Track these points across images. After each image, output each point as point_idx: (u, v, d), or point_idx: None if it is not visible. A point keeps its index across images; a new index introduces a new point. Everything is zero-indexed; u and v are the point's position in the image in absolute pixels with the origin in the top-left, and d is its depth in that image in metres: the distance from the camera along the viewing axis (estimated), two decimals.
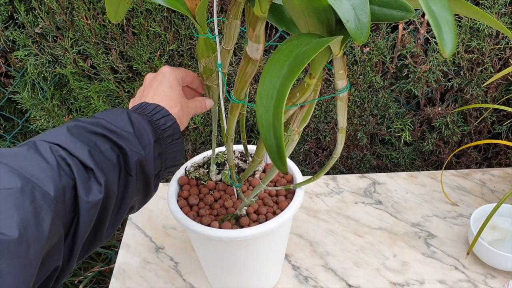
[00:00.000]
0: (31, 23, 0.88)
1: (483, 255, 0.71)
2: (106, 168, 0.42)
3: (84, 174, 0.40)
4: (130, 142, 0.44)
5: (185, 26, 0.86)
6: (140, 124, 0.46)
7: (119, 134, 0.44)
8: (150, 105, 0.50)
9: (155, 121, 0.48)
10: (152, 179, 0.47)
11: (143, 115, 0.48)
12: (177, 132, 0.50)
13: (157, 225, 0.83)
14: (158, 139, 0.47)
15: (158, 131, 0.48)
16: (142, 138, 0.46)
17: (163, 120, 0.49)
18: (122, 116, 0.46)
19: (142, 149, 0.45)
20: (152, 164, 0.46)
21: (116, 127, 0.45)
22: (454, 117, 0.95)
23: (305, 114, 0.43)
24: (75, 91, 0.95)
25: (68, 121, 0.44)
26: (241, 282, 0.66)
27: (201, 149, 1.04)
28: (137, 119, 0.47)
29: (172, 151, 0.50)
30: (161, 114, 0.49)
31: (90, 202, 0.39)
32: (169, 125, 0.49)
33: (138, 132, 0.46)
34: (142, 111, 0.49)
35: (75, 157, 0.40)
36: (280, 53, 0.29)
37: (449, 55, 0.24)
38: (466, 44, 0.86)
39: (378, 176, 0.94)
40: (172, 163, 0.51)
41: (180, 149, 0.51)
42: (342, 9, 0.28)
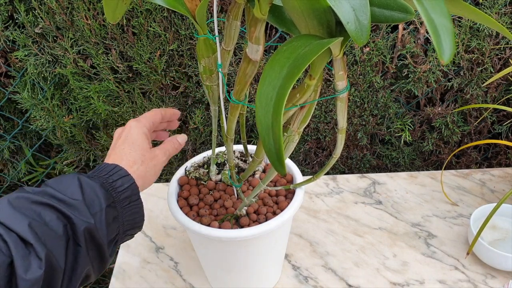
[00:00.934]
0: (31, 23, 0.88)
1: (483, 255, 0.71)
2: (50, 240, 0.40)
3: (23, 250, 0.38)
4: (78, 210, 0.43)
5: (185, 26, 0.86)
6: (92, 190, 0.45)
7: (66, 202, 0.43)
8: (109, 165, 0.49)
9: (110, 183, 0.47)
10: (106, 247, 0.45)
11: (98, 177, 0.47)
12: (135, 194, 0.48)
13: (157, 225, 0.83)
14: (113, 203, 0.46)
15: (113, 194, 0.46)
16: (92, 205, 0.44)
17: (120, 181, 0.47)
18: (73, 182, 0.45)
19: (91, 216, 0.43)
20: (104, 231, 0.44)
21: (63, 195, 0.43)
22: (454, 117, 0.95)
23: (305, 114, 0.43)
24: (75, 91, 0.95)
25: (12, 193, 0.43)
26: (241, 282, 0.66)
27: (201, 149, 1.05)
28: (89, 184, 0.45)
29: (130, 213, 0.48)
30: (118, 175, 0.48)
31: (29, 280, 0.37)
32: (127, 187, 0.47)
33: (88, 198, 0.44)
34: (99, 173, 0.48)
35: (13, 231, 0.38)
36: (280, 55, 0.29)
37: (447, 62, 0.24)
38: (466, 44, 0.86)
39: (378, 176, 0.94)
40: (130, 226, 0.49)
41: (139, 211, 0.49)
42: (342, 11, 0.28)
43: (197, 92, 0.95)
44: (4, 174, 1.15)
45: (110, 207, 0.45)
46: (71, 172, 0.47)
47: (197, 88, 0.95)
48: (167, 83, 0.94)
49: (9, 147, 1.10)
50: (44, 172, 1.17)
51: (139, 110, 0.97)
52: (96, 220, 0.44)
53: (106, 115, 0.97)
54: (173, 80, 0.94)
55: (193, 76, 0.94)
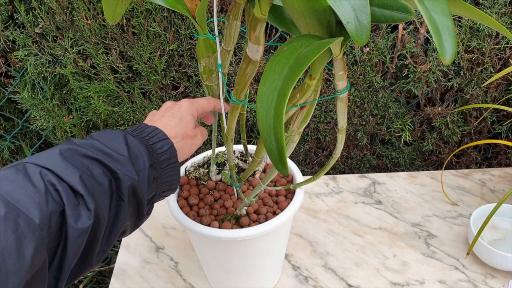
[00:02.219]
0: (31, 23, 0.88)
1: (483, 255, 0.71)
2: (97, 193, 0.41)
3: (73, 200, 0.39)
4: (124, 166, 0.44)
5: (185, 26, 0.86)
6: (136, 148, 0.46)
7: (113, 157, 0.44)
8: (149, 127, 0.50)
9: (151, 145, 0.48)
10: (145, 204, 0.47)
11: (140, 138, 0.48)
12: (173, 156, 0.49)
13: (157, 225, 0.83)
14: (154, 163, 0.47)
15: (154, 155, 0.47)
16: (137, 162, 0.45)
17: (159, 144, 0.48)
18: (119, 139, 0.46)
19: (135, 173, 0.44)
20: (146, 189, 0.46)
21: (111, 150, 0.44)
22: (454, 117, 0.95)
23: (306, 114, 0.43)
24: (75, 91, 0.95)
25: (62, 143, 0.44)
26: (241, 282, 0.66)
27: (201, 149, 1.04)
28: (134, 142, 0.46)
29: (168, 175, 0.49)
30: (158, 138, 0.49)
31: (79, 229, 0.39)
32: (166, 149, 0.48)
33: (133, 155, 0.45)
34: (139, 133, 0.49)
35: (65, 182, 0.40)
36: (281, 55, 0.29)
37: (448, 62, 0.24)
38: (466, 44, 0.86)
39: (378, 176, 0.94)
40: (167, 187, 0.50)
41: (176, 174, 0.50)
42: (342, 11, 0.28)
43: (197, 92, 0.95)
44: None
45: (152, 167, 0.46)
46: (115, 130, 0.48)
47: (197, 88, 0.95)
48: (167, 83, 0.94)
49: (9, 147, 1.10)
50: None
51: (139, 110, 0.97)
52: (140, 177, 0.45)
53: (106, 115, 0.97)
54: (173, 80, 0.94)
55: (193, 76, 0.94)
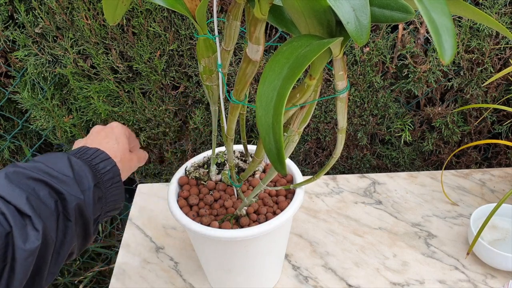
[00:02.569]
0: (31, 23, 0.88)
1: (483, 255, 0.71)
2: (44, 214, 0.42)
3: (20, 221, 0.39)
4: (70, 186, 0.45)
5: (185, 26, 0.86)
6: (80, 168, 0.47)
7: (58, 179, 0.44)
8: (90, 149, 0.51)
9: (94, 165, 0.49)
10: (91, 224, 0.47)
11: (83, 159, 0.49)
12: (117, 175, 0.50)
13: (157, 225, 0.83)
14: (98, 183, 0.48)
15: (97, 175, 0.48)
16: (81, 183, 0.46)
17: (102, 164, 0.49)
18: (63, 160, 0.46)
19: (81, 193, 0.45)
20: (91, 208, 0.46)
21: (55, 171, 0.45)
22: (454, 117, 0.95)
23: (305, 114, 0.43)
24: (75, 91, 0.95)
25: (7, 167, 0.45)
26: (241, 282, 0.66)
27: (201, 149, 1.04)
28: (77, 163, 0.47)
29: (112, 194, 0.50)
30: (100, 158, 0.50)
31: (27, 250, 0.39)
32: (109, 169, 0.50)
33: (77, 176, 0.46)
34: (82, 155, 0.50)
35: (11, 204, 0.40)
36: (280, 55, 0.29)
37: (448, 62, 0.24)
38: (466, 44, 0.86)
39: (378, 176, 0.94)
40: (112, 207, 0.51)
41: (120, 193, 0.51)
42: (342, 11, 0.28)
43: (197, 92, 0.95)
44: None
45: (96, 186, 0.47)
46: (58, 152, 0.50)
47: (197, 88, 0.95)
48: (167, 83, 0.94)
49: (9, 147, 1.10)
50: None
51: (139, 110, 0.97)
52: (85, 196, 0.46)
53: (106, 115, 0.97)
54: (173, 80, 0.94)
55: (193, 76, 0.94)
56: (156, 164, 1.10)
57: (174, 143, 1.05)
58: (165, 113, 0.97)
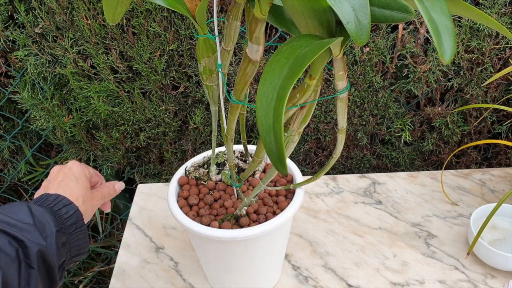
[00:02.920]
0: (31, 23, 0.88)
1: (483, 255, 0.71)
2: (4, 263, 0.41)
3: None
4: (31, 233, 0.44)
5: (185, 26, 0.86)
6: (41, 215, 0.46)
7: (18, 227, 0.44)
8: (52, 195, 0.50)
9: (56, 211, 0.48)
10: (56, 270, 0.46)
11: (44, 206, 0.48)
12: (80, 220, 0.50)
13: (157, 225, 0.83)
14: (61, 229, 0.47)
15: (60, 221, 0.48)
16: (43, 229, 0.45)
17: (64, 209, 0.49)
18: (22, 209, 0.46)
19: (43, 239, 0.45)
20: (55, 254, 0.46)
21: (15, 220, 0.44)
22: (454, 117, 0.95)
23: (305, 114, 0.43)
24: (75, 91, 0.95)
25: None
26: (241, 282, 0.66)
27: (201, 149, 1.05)
28: (38, 210, 0.47)
29: (76, 239, 0.50)
30: (62, 204, 0.49)
31: None
32: (71, 214, 0.49)
33: (38, 223, 0.45)
34: (43, 202, 0.50)
35: None
36: (280, 55, 0.29)
37: (448, 61, 0.24)
38: (466, 44, 0.86)
39: (378, 176, 0.94)
40: (76, 251, 0.51)
41: (84, 237, 0.51)
42: (342, 11, 0.28)
43: (197, 92, 0.95)
44: (4, 174, 1.15)
45: (59, 232, 0.47)
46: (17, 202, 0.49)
47: (197, 88, 0.95)
48: (167, 83, 0.94)
49: (9, 147, 1.10)
50: (44, 172, 1.17)
51: (139, 110, 0.97)
52: (48, 243, 0.45)
53: (106, 115, 0.97)
54: (173, 80, 0.94)
55: (193, 76, 0.94)
56: (156, 164, 1.10)
57: (174, 143, 1.05)
58: (165, 113, 0.97)
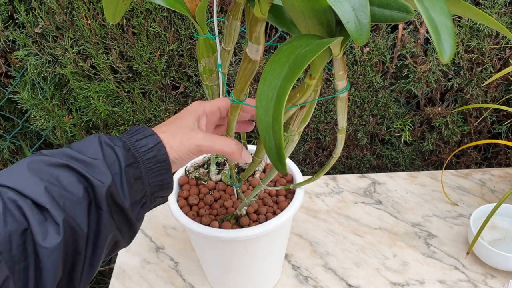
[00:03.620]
0: (31, 23, 0.88)
1: (483, 255, 0.71)
2: (68, 204, 0.38)
3: (39, 216, 0.36)
4: (99, 170, 0.41)
5: (185, 26, 0.86)
6: (111, 149, 0.43)
7: (86, 162, 0.41)
8: (136, 126, 0.47)
9: (133, 142, 0.44)
10: (129, 210, 0.42)
11: (121, 137, 0.45)
12: (162, 154, 0.44)
13: (157, 225, 0.83)
14: (134, 163, 0.43)
15: (135, 154, 0.44)
16: (113, 165, 0.42)
17: (144, 141, 0.44)
18: (93, 142, 0.43)
19: (111, 177, 0.41)
20: (126, 192, 0.42)
21: (83, 155, 0.41)
22: (454, 117, 0.95)
23: (305, 114, 0.43)
24: (75, 91, 0.95)
25: (32, 155, 0.41)
26: (241, 282, 0.66)
27: None
28: (109, 144, 0.43)
29: (156, 174, 0.45)
30: (143, 135, 0.45)
31: (48, 248, 0.35)
32: (151, 147, 0.44)
33: (108, 158, 0.42)
34: (124, 133, 0.46)
35: (28, 197, 0.36)
36: (280, 55, 0.29)
37: (447, 61, 0.24)
38: (466, 44, 0.86)
39: (378, 176, 0.94)
40: (158, 187, 0.45)
41: (166, 172, 0.45)
42: (342, 10, 0.28)
43: (197, 92, 0.95)
44: None
45: (130, 167, 0.42)
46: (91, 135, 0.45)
47: (197, 88, 0.95)
48: (167, 83, 0.94)
49: (9, 147, 1.10)
50: None
51: (139, 110, 0.97)
52: (115, 181, 0.41)
53: (106, 115, 0.97)
54: (173, 80, 0.94)
55: (193, 76, 0.94)
56: None
57: None
58: (165, 113, 0.97)
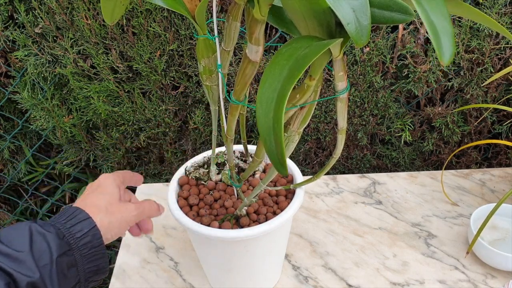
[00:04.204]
0: (31, 23, 0.88)
1: (483, 255, 0.71)
2: None
3: None
4: (23, 263, 0.41)
5: (185, 26, 0.86)
6: (42, 239, 0.42)
7: (10, 256, 0.41)
8: (69, 209, 0.47)
9: (68, 228, 0.44)
10: None
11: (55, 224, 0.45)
12: (97, 238, 0.45)
13: (157, 225, 0.83)
14: (69, 251, 0.43)
15: (70, 241, 0.44)
16: (41, 257, 0.42)
17: (79, 226, 0.45)
18: (23, 232, 0.43)
19: (37, 270, 0.41)
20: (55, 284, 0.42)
21: (8, 248, 0.41)
22: (454, 117, 0.95)
23: (305, 115, 0.43)
24: (75, 91, 0.95)
25: None
26: (241, 282, 0.66)
27: (201, 149, 1.05)
28: (40, 233, 0.43)
29: (91, 260, 0.45)
30: (77, 219, 0.45)
31: None
32: (86, 232, 0.44)
33: (36, 249, 0.42)
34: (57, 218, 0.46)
35: None
36: (280, 56, 0.29)
37: (446, 64, 0.24)
38: (466, 44, 0.86)
39: (378, 176, 0.94)
40: (93, 272, 0.46)
41: (101, 257, 0.46)
42: (342, 12, 0.28)
43: (197, 92, 0.95)
44: (4, 174, 1.15)
45: (64, 255, 0.43)
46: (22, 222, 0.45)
47: (197, 88, 0.95)
48: (167, 83, 0.94)
49: (9, 147, 1.10)
50: (44, 172, 1.17)
51: (139, 110, 0.97)
52: (43, 273, 0.41)
53: (106, 115, 0.97)
54: (173, 80, 0.94)
55: (193, 76, 0.94)
56: (156, 164, 1.10)
57: (174, 143, 1.05)
58: (165, 113, 0.97)
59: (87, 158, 1.09)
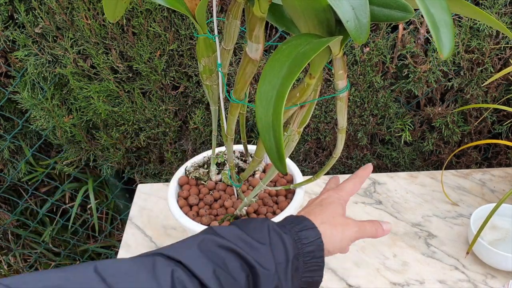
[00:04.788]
0: (31, 23, 0.88)
1: (483, 255, 0.71)
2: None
3: None
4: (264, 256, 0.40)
5: (185, 26, 0.86)
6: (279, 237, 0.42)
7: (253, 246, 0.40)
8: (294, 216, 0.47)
9: (297, 233, 0.44)
10: None
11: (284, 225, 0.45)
12: (319, 250, 0.44)
13: (157, 225, 0.83)
14: (297, 254, 0.43)
15: (298, 245, 0.43)
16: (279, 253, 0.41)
17: (305, 233, 0.44)
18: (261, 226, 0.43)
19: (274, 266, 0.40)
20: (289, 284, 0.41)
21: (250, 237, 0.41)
22: (454, 117, 0.95)
23: (305, 114, 0.43)
24: (75, 91, 0.95)
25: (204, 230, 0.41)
26: None
27: (201, 149, 1.04)
28: (277, 231, 0.43)
29: (309, 270, 0.44)
30: (304, 226, 0.45)
31: None
32: (312, 240, 0.44)
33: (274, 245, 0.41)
34: (283, 222, 0.46)
35: (196, 278, 0.37)
36: (280, 54, 0.29)
37: (446, 56, 0.24)
38: (466, 44, 0.86)
39: (378, 176, 0.94)
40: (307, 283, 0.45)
41: (318, 269, 0.45)
42: (342, 10, 0.28)
43: (197, 92, 0.95)
44: (4, 174, 1.15)
45: (295, 258, 0.42)
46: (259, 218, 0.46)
47: (197, 88, 0.95)
48: (167, 83, 0.94)
49: (9, 147, 1.10)
50: (44, 172, 1.17)
51: (139, 110, 0.97)
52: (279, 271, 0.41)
53: (106, 115, 0.97)
54: (173, 80, 0.94)
55: (193, 76, 0.94)
56: (156, 164, 1.10)
57: (174, 143, 1.05)
58: (165, 113, 0.97)
59: (87, 158, 1.09)
